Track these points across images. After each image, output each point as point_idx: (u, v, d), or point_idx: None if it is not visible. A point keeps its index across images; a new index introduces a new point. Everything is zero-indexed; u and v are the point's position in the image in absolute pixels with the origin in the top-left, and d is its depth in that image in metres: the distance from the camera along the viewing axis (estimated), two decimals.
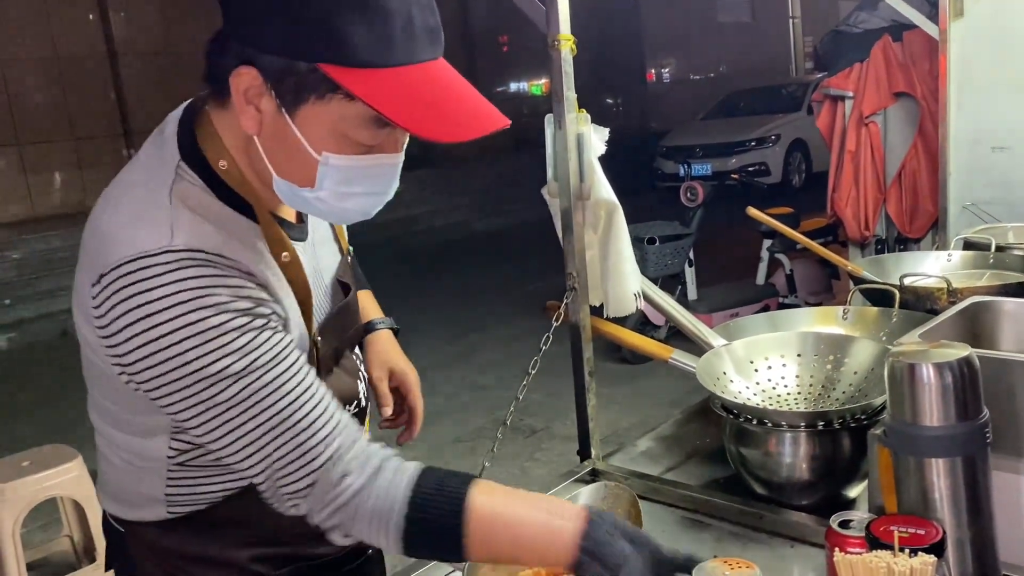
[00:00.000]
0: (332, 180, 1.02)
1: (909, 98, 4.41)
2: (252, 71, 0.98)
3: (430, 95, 0.97)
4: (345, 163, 1.01)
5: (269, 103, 0.99)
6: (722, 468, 1.67)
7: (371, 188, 1.06)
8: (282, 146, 1.02)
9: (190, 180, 1.04)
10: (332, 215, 1.10)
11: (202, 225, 1.01)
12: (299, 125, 0.99)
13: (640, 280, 1.76)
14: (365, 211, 1.08)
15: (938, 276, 2.11)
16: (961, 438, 1.13)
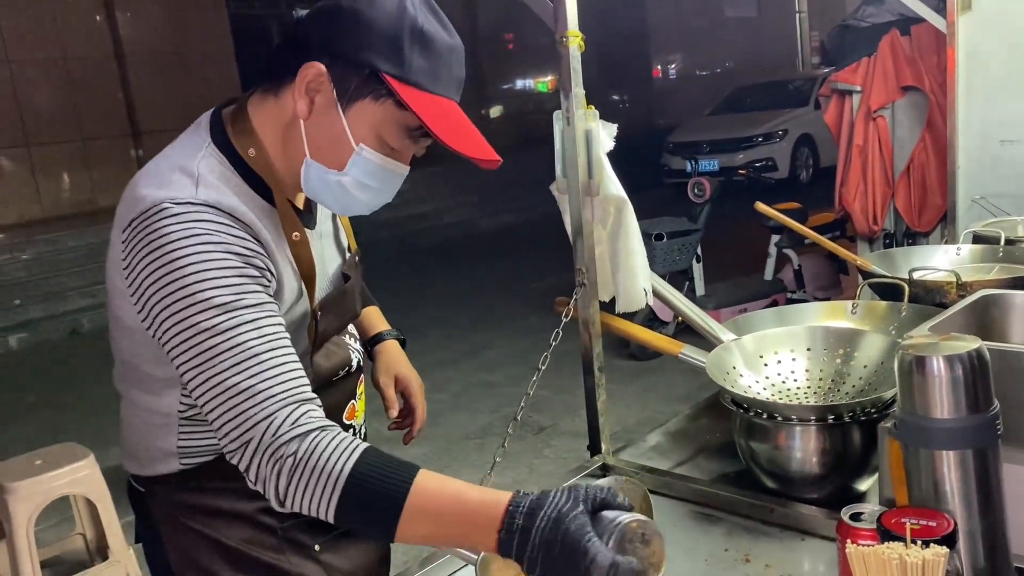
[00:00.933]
0: (359, 169, 1.22)
1: (917, 92, 4.40)
2: (320, 67, 1.17)
3: (456, 121, 1.22)
4: (373, 158, 1.22)
5: (325, 96, 1.19)
6: (732, 462, 1.67)
7: (382, 186, 1.25)
8: (326, 133, 1.21)
9: (217, 159, 1.22)
10: (343, 202, 1.26)
11: (223, 189, 1.18)
12: (349, 116, 1.19)
13: (649, 276, 1.76)
14: (371, 205, 1.28)
15: (947, 270, 2.11)
16: (972, 430, 1.13)
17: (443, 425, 4.91)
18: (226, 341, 1.09)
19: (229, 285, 1.11)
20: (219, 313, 1.10)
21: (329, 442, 1.07)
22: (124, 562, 3.31)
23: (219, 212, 1.14)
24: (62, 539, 3.62)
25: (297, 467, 1.06)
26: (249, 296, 1.12)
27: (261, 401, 1.08)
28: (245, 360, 1.09)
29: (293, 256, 1.26)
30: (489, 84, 15.75)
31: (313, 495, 1.06)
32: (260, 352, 1.10)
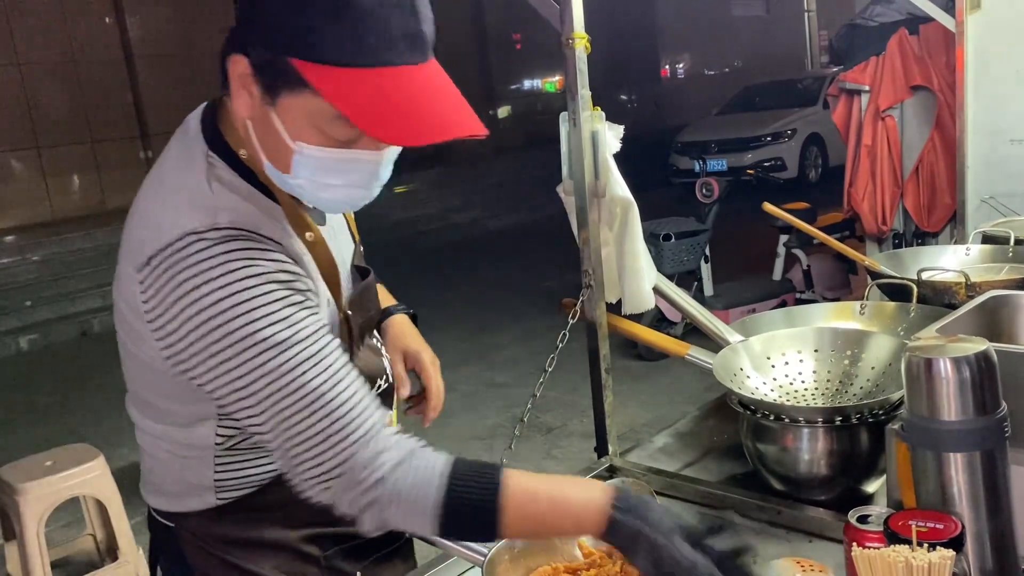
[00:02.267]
0: (308, 169, 1.05)
1: (926, 91, 4.38)
2: (243, 60, 1.04)
3: (398, 98, 0.98)
4: (319, 154, 1.04)
5: (256, 93, 1.05)
6: (739, 464, 1.67)
7: (350, 181, 1.08)
8: (267, 132, 1.06)
9: (221, 167, 1.10)
10: (318, 204, 1.13)
11: (241, 204, 1.08)
12: (279, 114, 1.04)
13: (655, 276, 1.76)
14: (350, 203, 1.13)
15: (956, 270, 2.10)
16: (979, 432, 1.13)
17: (451, 426, 4.91)
18: (290, 384, 1.01)
19: (281, 320, 1.02)
20: (277, 354, 1.01)
21: (411, 477, 1.05)
22: (134, 563, 3.33)
23: (248, 235, 1.04)
24: (72, 540, 3.64)
25: (387, 508, 1.05)
26: (302, 326, 1.03)
27: (336, 444, 1.03)
28: (313, 403, 1.02)
29: (313, 257, 1.15)
30: (497, 84, 15.75)
31: (410, 525, 1.08)
32: (327, 391, 1.03)
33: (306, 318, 1.04)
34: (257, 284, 1.01)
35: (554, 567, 1.23)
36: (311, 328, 1.04)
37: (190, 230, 1.02)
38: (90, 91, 10.35)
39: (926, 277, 2.10)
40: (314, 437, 1.03)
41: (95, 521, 3.51)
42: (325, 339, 1.06)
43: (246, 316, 1.00)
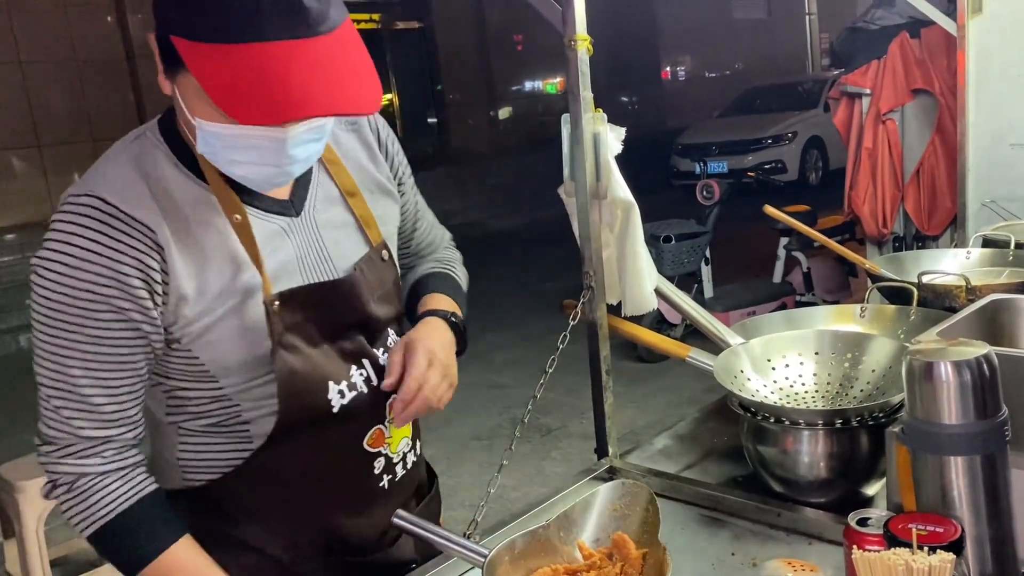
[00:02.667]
0: (211, 145, 1.07)
1: (927, 95, 4.38)
2: (152, 39, 1.07)
3: (263, 74, 0.96)
4: (218, 130, 1.05)
5: (161, 68, 1.09)
6: (739, 466, 1.67)
7: (257, 159, 1.07)
8: (179, 108, 1.11)
9: (153, 142, 1.15)
10: (243, 178, 1.13)
11: (132, 178, 1.12)
12: (179, 90, 1.07)
13: (656, 278, 1.76)
14: (265, 179, 1.12)
15: (957, 274, 2.10)
16: (980, 436, 1.13)
17: (451, 426, 4.92)
18: (52, 354, 1.14)
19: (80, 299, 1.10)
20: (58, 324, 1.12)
21: (104, 488, 1.16)
22: None
23: (109, 211, 1.09)
24: (71, 538, 3.64)
25: (68, 494, 1.17)
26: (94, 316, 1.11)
27: (64, 425, 1.16)
28: (64, 382, 1.15)
29: (239, 238, 1.15)
30: (498, 85, 15.76)
31: (73, 519, 1.19)
32: (79, 378, 1.14)
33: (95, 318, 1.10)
34: (67, 266, 1.09)
35: (554, 568, 1.23)
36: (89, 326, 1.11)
37: (71, 192, 1.12)
38: (92, 90, 10.36)
39: (926, 280, 2.10)
40: (48, 402, 1.17)
41: None
42: (106, 344, 1.12)
43: (49, 284, 1.10)
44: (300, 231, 1.22)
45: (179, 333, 1.14)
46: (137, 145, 1.15)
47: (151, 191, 1.11)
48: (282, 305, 1.17)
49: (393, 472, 1.36)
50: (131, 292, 1.10)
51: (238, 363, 1.17)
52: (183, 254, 1.12)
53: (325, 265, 1.25)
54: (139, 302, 1.11)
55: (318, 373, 1.22)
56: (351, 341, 1.27)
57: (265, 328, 1.16)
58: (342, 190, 1.29)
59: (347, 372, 1.26)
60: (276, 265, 1.19)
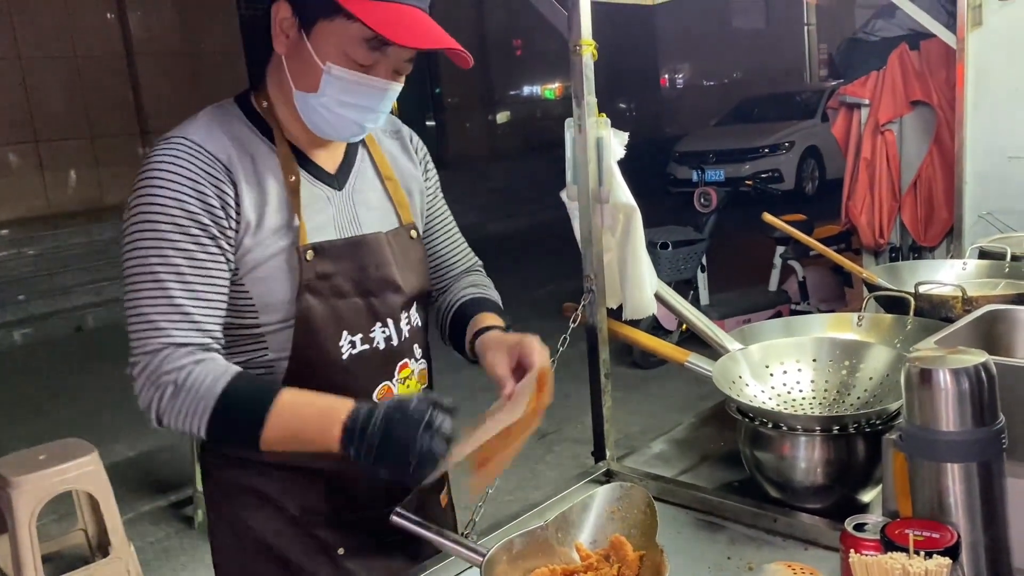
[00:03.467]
0: (333, 88, 1.29)
1: (925, 106, 4.40)
2: (285, 4, 1.30)
3: (410, 23, 1.26)
4: (343, 75, 1.29)
5: (294, 30, 1.29)
6: (736, 471, 1.68)
7: (364, 102, 1.32)
8: (300, 61, 1.31)
9: (231, 110, 1.38)
10: (335, 125, 1.34)
11: (213, 127, 1.32)
12: (312, 41, 1.28)
13: (656, 283, 1.77)
14: (359, 123, 1.35)
15: (953, 284, 2.11)
16: (977, 444, 1.14)
17: None
18: (148, 270, 1.25)
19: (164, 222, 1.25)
20: (152, 242, 1.25)
21: (203, 369, 1.25)
22: (125, 559, 3.32)
23: (195, 147, 1.28)
24: (63, 534, 3.64)
25: (176, 393, 1.24)
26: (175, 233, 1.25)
27: (159, 335, 1.25)
28: (158, 293, 1.25)
29: (290, 195, 1.34)
30: (497, 90, 15.79)
31: (186, 416, 1.25)
32: (173, 288, 1.25)
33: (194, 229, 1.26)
34: (170, 185, 1.26)
35: (551, 569, 1.24)
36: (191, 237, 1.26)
37: (161, 139, 1.31)
38: (90, 87, 10.35)
39: (923, 291, 2.11)
40: (147, 322, 1.25)
41: (87, 516, 3.50)
42: (195, 254, 1.27)
43: (143, 208, 1.26)
44: (340, 202, 1.42)
45: (239, 262, 1.32)
46: (218, 110, 1.37)
47: (229, 138, 1.33)
48: (316, 255, 1.35)
49: None
50: (213, 212, 1.28)
51: (279, 301, 1.33)
52: (251, 190, 1.31)
53: (357, 231, 1.43)
54: (218, 221, 1.28)
55: (336, 321, 1.37)
56: (382, 300, 1.43)
57: (292, 271, 1.33)
58: (382, 174, 1.50)
59: (369, 326, 1.41)
60: (316, 224, 1.37)
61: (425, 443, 1.18)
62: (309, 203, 1.37)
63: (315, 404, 1.27)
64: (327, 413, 1.24)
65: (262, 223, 1.32)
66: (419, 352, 1.51)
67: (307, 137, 1.39)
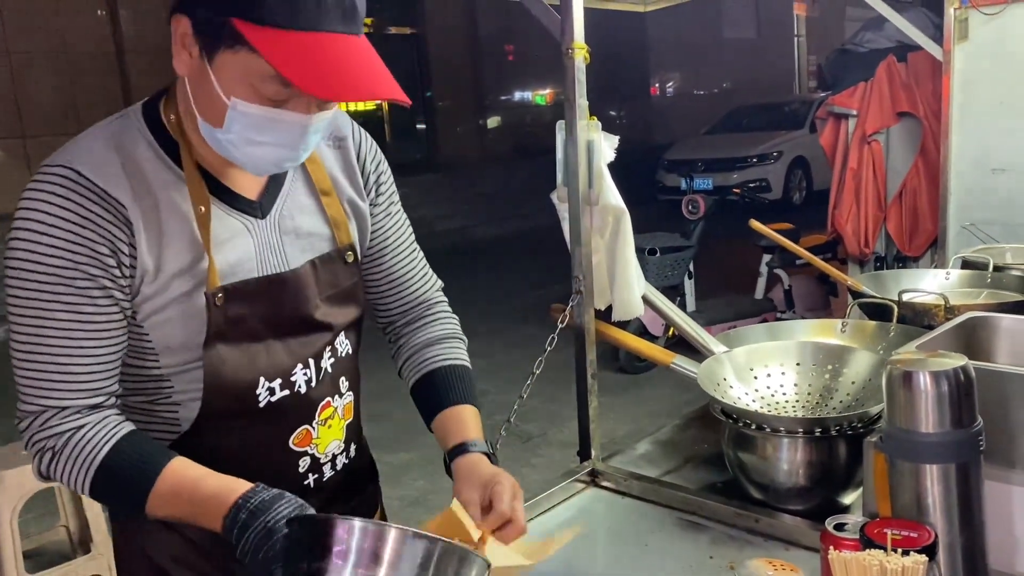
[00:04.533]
0: (240, 125, 1.12)
1: (912, 118, 4.46)
2: (185, 20, 1.12)
3: (324, 59, 1.06)
4: (251, 111, 1.11)
5: (195, 49, 1.12)
6: (719, 472, 1.70)
7: (279, 140, 1.14)
8: (203, 89, 1.14)
9: (136, 124, 1.20)
10: (247, 161, 1.18)
11: (107, 156, 1.16)
12: (215, 71, 1.11)
13: (644, 285, 1.79)
14: (276, 162, 1.18)
15: (936, 293, 2.14)
16: (955, 445, 1.16)
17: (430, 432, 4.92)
18: (29, 325, 1.15)
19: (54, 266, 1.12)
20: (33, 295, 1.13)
21: (83, 437, 1.16)
22: (106, 556, 3.30)
23: (83, 182, 1.12)
24: (45, 530, 3.61)
25: (55, 458, 1.17)
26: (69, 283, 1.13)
27: (40, 395, 1.17)
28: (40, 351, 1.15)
29: (198, 227, 1.19)
30: (488, 95, 15.82)
31: (69, 478, 1.17)
32: (55, 347, 1.15)
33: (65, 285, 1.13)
34: (41, 233, 1.12)
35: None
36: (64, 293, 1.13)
37: (45, 163, 1.15)
38: (79, 83, 10.30)
39: (906, 298, 2.14)
40: (24, 374, 1.17)
41: (69, 512, 3.48)
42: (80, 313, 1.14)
43: (22, 256, 1.13)
44: (263, 232, 1.25)
45: (137, 308, 1.18)
46: (119, 124, 1.20)
47: (124, 169, 1.16)
48: (226, 298, 1.21)
49: (320, 472, 1.35)
50: (102, 261, 1.14)
51: (179, 344, 1.21)
52: (148, 232, 1.16)
53: (281, 265, 1.27)
54: (110, 271, 1.14)
55: (251, 367, 1.24)
56: (300, 340, 1.29)
57: (206, 318, 1.20)
58: (317, 189, 1.32)
59: (290, 370, 1.28)
60: (233, 260, 1.22)
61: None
62: (223, 238, 1.21)
63: (199, 486, 1.16)
64: (211, 502, 1.14)
65: (162, 267, 1.17)
66: (345, 385, 1.38)
67: (221, 165, 1.22)
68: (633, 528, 1.58)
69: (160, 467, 1.16)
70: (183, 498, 1.16)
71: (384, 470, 1.58)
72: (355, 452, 1.43)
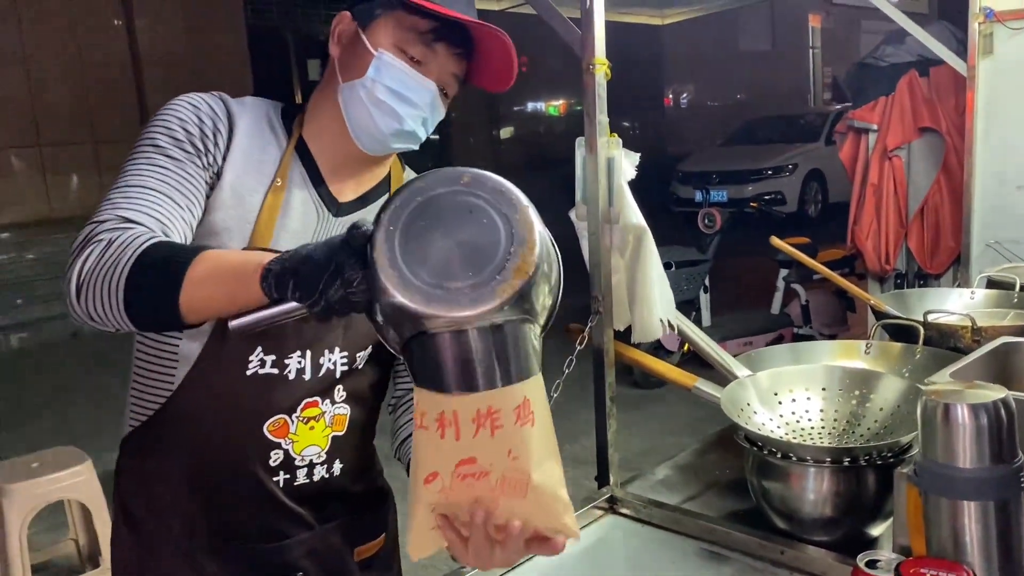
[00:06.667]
0: (380, 73, 1.26)
1: (933, 133, 4.40)
2: (346, 13, 1.31)
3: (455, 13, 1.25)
4: (393, 62, 1.26)
5: (351, 32, 1.29)
6: (742, 500, 1.65)
7: (409, 94, 1.28)
8: (351, 54, 1.29)
9: (271, 104, 1.36)
10: (373, 115, 1.28)
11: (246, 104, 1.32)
12: (368, 36, 1.27)
13: (669, 306, 1.74)
14: (401, 114, 1.28)
15: (962, 314, 2.09)
16: (995, 482, 1.11)
17: None
18: (133, 168, 1.22)
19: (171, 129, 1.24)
20: (146, 148, 1.24)
21: (137, 230, 1.13)
22: None
23: (218, 101, 1.29)
24: (54, 544, 3.59)
25: (106, 248, 1.10)
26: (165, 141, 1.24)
27: (111, 207, 1.16)
28: (133, 182, 1.20)
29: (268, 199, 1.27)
30: (501, 105, 15.82)
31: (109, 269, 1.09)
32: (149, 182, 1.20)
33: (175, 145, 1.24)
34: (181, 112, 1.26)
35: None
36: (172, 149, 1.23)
37: None
38: (96, 92, 10.34)
39: (932, 319, 2.09)
40: (107, 201, 1.19)
41: (78, 526, 3.46)
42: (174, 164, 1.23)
43: (147, 131, 1.26)
44: (328, 227, 1.31)
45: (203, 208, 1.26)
46: (261, 100, 1.36)
47: (250, 112, 1.31)
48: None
49: (292, 474, 1.33)
50: (207, 145, 1.25)
51: None
52: (239, 157, 1.27)
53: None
54: (212, 153, 1.25)
55: (256, 337, 1.24)
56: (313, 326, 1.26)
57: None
58: None
59: (289, 352, 1.28)
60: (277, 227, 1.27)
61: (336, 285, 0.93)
62: (289, 217, 1.27)
63: (236, 254, 1.15)
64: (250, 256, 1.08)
65: (237, 188, 1.26)
66: (343, 397, 1.35)
67: (332, 160, 1.32)
68: (653, 558, 1.53)
69: (194, 253, 1.09)
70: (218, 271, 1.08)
71: None
72: (340, 472, 1.37)
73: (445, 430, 0.87)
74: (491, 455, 0.88)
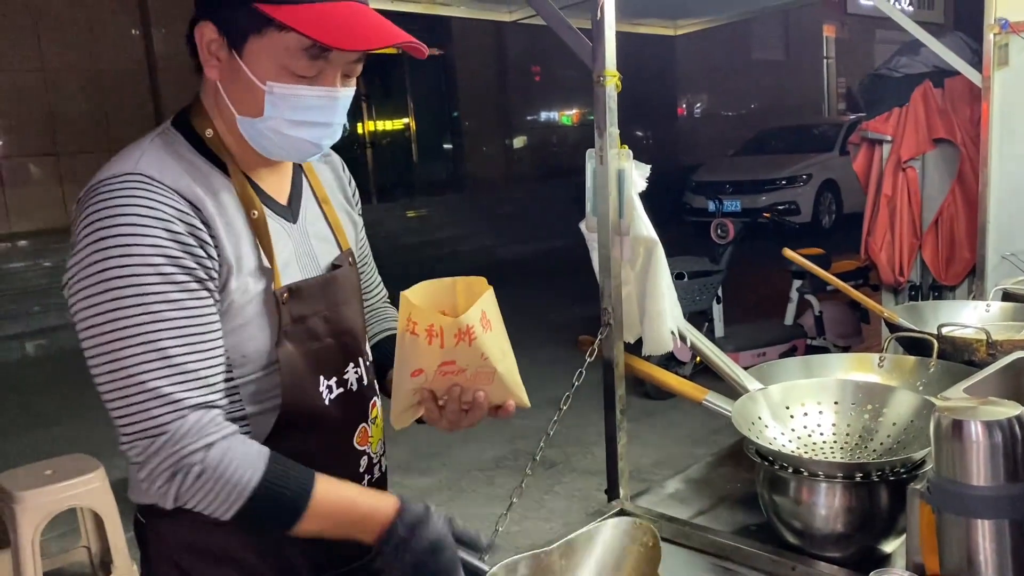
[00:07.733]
0: (279, 107, 1.18)
1: (948, 144, 4.37)
2: (208, 25, 1.18)
3: (343, 21, 1.14)
4: (287, 91, 1.17)
5: (223, 50, 1.18)
6: (753, 515, 1.63)
7: (317, 118, 1.20)
8: (237, 85, 1.19)
9: (174, 136, 1.24)
10: (290, 147, 1.22)
11: (167, 160, 1.18)
12: (247, 61, 1.17)
13: (679, 319, 1.74)
14: (316, 140, 1.23)
15: (977, 327, 2.07)
16: (1009, 500, 1.10)
17: (453, 456, 4.87)
18: (137, 333, 1.09)
19: (152, 264, 1.09)
20: (135, 299, 1.09)
21: (231, 447, 1.12)
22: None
23: (155, 184, 1.13)
24: (66, 551, 3.60)
25: (198, 479, 1.10)
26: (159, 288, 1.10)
27: (168, 403, 1.09)
28: (155, 357, 1.09)
29: (255, 233, 1.22)
30: (514, 115, 15.85)
31: (213, 502, 1.11)
32: (171, 347, 1.10)
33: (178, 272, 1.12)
34: (141, 227, 1.10)
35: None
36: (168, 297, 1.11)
37: (107, 176, 1.15)
38: (112, 101, 10.43)
39: (946, 332, 2.07)
40: (146, 393, 1.09)
41: (91, 533, 3.47)
42: (184, 308, 1.12)
43: (113, 263, 1.08)
44: (296, 236, 1.31)
45: (222, 307, 1.19)
46: (160, 138, 1.23)
47: (188, 173, 1.18)
48: (290, 296, 1.24)
49: (372, 472, 1.39)
50: (193, 253, 1.14)
51: (255, 351, 1.22)
52: (224, 231, 1.18)
53: (315, 268, 1.33)
54: (202, 262, 1.15)
55: (313, 366, 1.27)
56: (352, 338, 1.35)
57: (276, 318, 1.22)
58: (318, 198, 1.39)
59: (343, 368, 1.33)
60: (282, 263, 1.26)
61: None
62: (274, 240, 1.25)
63: (356, 504, 1.18)
64: (368, 516, 1.17)
65: (241, 263, 1.19)
66: (376, 386, 1.44)
67: (256, 167, 1.27)
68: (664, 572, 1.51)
69: (310, 486, 1.15)
70: (333, 519, 1.17)
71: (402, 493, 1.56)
72: (385, 456, 1.47)
73: (432, 339, 1.15)
74: (467, 359, 1.20)
